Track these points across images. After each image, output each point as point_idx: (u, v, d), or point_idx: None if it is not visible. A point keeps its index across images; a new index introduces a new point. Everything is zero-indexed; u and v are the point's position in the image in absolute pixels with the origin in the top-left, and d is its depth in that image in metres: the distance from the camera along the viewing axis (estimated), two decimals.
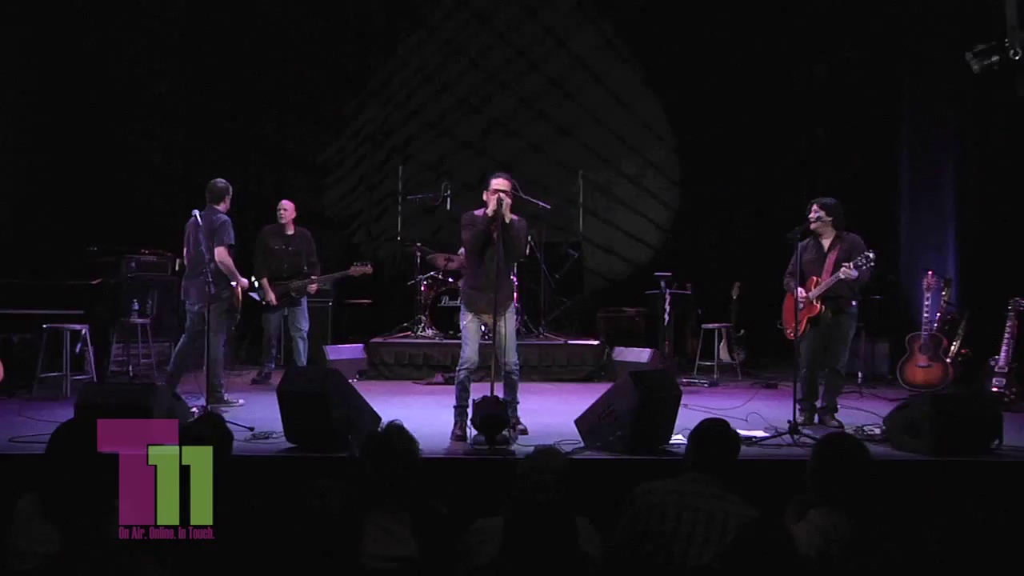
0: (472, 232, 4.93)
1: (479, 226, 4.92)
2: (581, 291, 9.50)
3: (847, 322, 5.38)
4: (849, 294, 5.35)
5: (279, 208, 7.15)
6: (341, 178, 10.00)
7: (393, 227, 9.34)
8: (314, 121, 9.86)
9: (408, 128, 9.95)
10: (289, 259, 7.11)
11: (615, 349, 7.88)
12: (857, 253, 5.19)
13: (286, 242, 7.13)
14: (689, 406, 5.52)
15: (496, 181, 4.93)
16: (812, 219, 5.36)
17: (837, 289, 5.30)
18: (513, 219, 4.95)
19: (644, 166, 9.92)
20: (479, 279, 4.97)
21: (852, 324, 5.42)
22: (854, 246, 5.29)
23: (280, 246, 7.10)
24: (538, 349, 7.81)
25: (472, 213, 5.06)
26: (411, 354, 7.75)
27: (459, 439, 4.82)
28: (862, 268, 5.13)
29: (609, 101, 9.78)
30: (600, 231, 9.85)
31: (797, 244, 5.23)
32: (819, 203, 5.39)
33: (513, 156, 9.71)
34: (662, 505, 2.82)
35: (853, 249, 5.25)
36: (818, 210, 5.37)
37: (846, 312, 5.37)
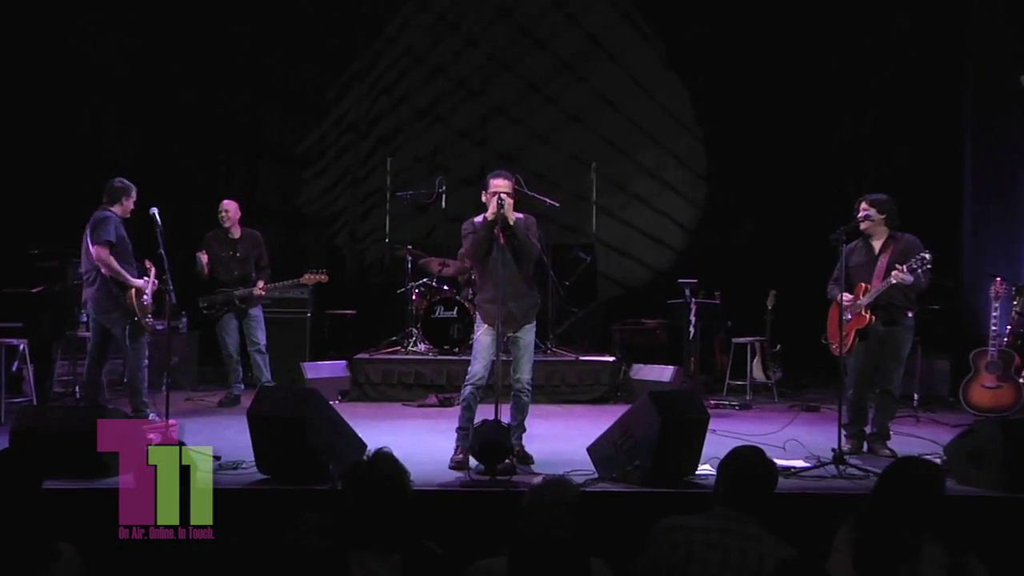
0: (472, 240, 5.02)
1: (479, 234, 5.00)
2: (594, 300, 9.52)
3: (902, 336, 5.35)
4: (904, 303, 5.32)
5: (220, 210, 7.22)
6: (322, 171, 10.03)
7: (380, 227, 9.36)
8: (291, 107, 9.91)
9: (398, 115, 9.97)
10: (238, 266, 7.20)
11: (633, 366, 7.90)
12: (913, 255, 5.15)
13: (232, 247, 7.21)
14: (718, 432, 5.52)
15: (495, 181, 5.01)
16: (861, 218, 5.35)
17: (890, 297, 5.27)
18: (518, 218, 5.05)
19: (666, 158, 9.94)
20: (491, 290, 5.03)
21: (907, 338, 5.38)
22: (910, 248, 5.25)
23: (226, 252, 7.18)
24: (545, 367, 7.80)
25: (472, 221, 5.14)
26: (401, 372, 7.76)
27: (459, 466, 4.85)
28: (917, 272, 5.09)
29: (626, 84, 9.81)
30: (615, 232, 9.86)
31: (843, 247, 5.16)
32: (869, 200, 5.39)
33: (517, 147, 9.73)
34: (687, 544, 2.81)
35: (909, 251, 5.21)
36: (868, 208, 5.35)
37: (900, 324, 5.34)
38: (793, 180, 9.28)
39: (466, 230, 5.11)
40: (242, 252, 7.19)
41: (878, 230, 5.39)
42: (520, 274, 5.06)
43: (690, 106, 9.83)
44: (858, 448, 5.42)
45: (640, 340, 8.73)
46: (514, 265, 4.99)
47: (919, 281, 5.17)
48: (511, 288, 4.93)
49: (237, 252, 7.19)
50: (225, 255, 7.17)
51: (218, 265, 7.11)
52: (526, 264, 5.12)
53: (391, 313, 8.80)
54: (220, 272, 7.14)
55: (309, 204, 10.02)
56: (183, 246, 7.40)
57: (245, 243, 7.24)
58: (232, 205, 7.24)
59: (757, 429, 5.98)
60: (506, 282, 4.91)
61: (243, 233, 7.27)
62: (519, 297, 5.03)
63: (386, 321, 8.82)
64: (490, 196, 5.01)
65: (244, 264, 7.20)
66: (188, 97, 9.41)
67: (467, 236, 5.08)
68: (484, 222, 5.03)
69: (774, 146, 9.33)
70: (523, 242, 5.00)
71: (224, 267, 7.16)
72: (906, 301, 5.31)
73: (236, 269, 7.17)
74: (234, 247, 7.21)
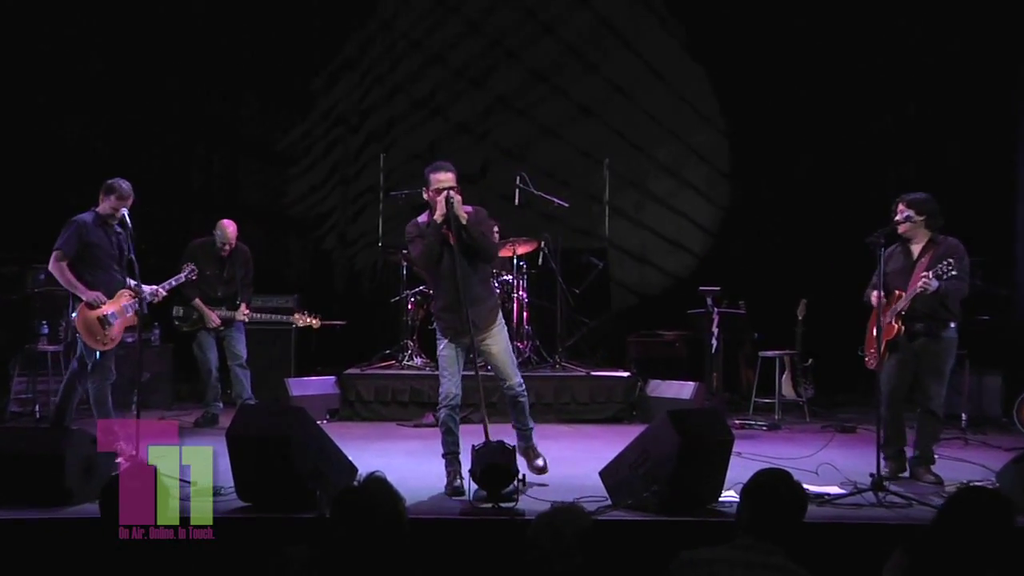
0: (422, 245, 4.94)
1: (428, 238, 4.95)
2: (607, 310, 9.53)
3: (942, 349, 5.33)
4: (944, 313, 5.28)
5: (220, 228, 7.25)
6: (308, 168, 10.07)
7: (373, 230, 9.38)
8: (274, 98, 9.97)
9: (391, 107, 10.01)
10: (224, 287, 7.29)
11: (650, 383, 7.91)
12: (956, 262, 5.13)
13: (220, 266, 7.29)
14: (743, 454, 5.54)
15: (438, 176, 4.97)
16: (899, 220, 5.36)
17: (928, 306, 5.25)
18: (467, 212, 4.96)
19: (685, 154, 9.96)
20: (446, 298, 5.02)
21: (949, 352, 5.35)
22: (950, 252, 5.23)
23: (213, 270, 7.25)
24: (554, 383, 7.82)
25: (415, 222, 5.10)
26: (395, 389, 7.77)
27: (456, 493, 4.85)
28: (943, 278, 5.09)
29: (642, 73, 9.84)
30: (630, 235, 9.88)
31: (881, 250, 5.13)
32: (908, 200, 5.39)
33: (522, 142, 9.76)
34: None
35: (949, 256, 5.18)
36: (906, 208, 5.35)
37: (940, 337, 5.31)
38: (827, 178, 9.27)
39: (411, 232, 5.04)
40: (229, 272, 7.27)
41: (918, 233, 5.38)
42: (476, 276, 5.05)
43: (712, 96, 9.84)
44: (897, 472, 5.40)
45: (658, 354, 8.72)
46: (468, 268, 4.97)
47: (950, 288, 5.14)
48: (467, 293, 4.89)
49: (224, 271, 7.25)
50: (212, 273, 7.22)
51: (202, 281, 7.13)
52: (483, 264, 5.13)
53: (384, 324, 8.81)
54: (203, 288, 7.17)
55: (294, 205, 10.06)
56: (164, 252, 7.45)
57: (234, 262, 7.29)
58: (232, 227, 7.27)
59: (786, 452, 5.97)
60: (463, 287, 4.88)
61: (235, 249, 7.32)
62: (477, 302, 4.99)
63: (379, 332, 8.83)
64: (433, 194, 4.96)
65: (230, 285, 7.27)
66: (162, 88, 9.47)
67: (413, 240, 5.01)
68: (430, 222, 4.98)
69: (806, 140, 9.34)
70: (479, 240, 4.96)
71: (209, 285, 7.21)
72: (946, 311, 5.27)
73: (221, 289, 7.23)
74: (222, 265, 7.27)
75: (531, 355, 8.21)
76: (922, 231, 5.37)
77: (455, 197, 4.90)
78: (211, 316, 7.11)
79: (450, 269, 4.94)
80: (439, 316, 5.14)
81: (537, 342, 8.32)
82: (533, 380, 7.71)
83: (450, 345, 5.07)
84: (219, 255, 7.24)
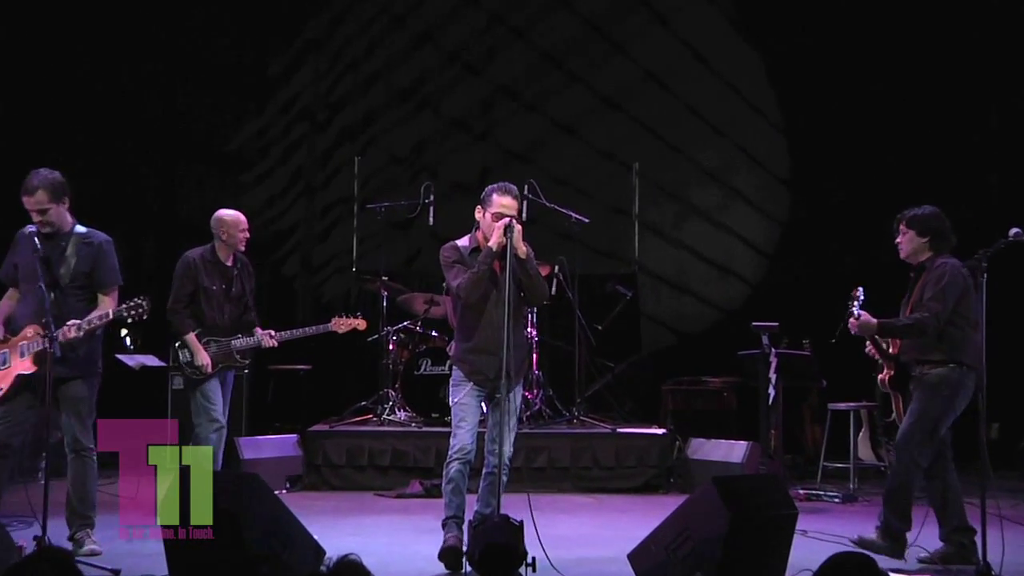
0: (469, 278, 5.16)
1: (479, 267, 5.15)
2: (636, 351, 9.52)
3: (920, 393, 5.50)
4: (917, 354, 5.51)
5: (224, 224, 6.74)
6: (264, 174, 10.12)
7: (345, 252, 9.40)
8: (221, 87, 10.03)
9: (368, 99, 10.07)
10: (232, 306, 6.83)
11: (691, 442, 7.88)
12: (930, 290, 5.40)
13: (227, 279, 6.80)
14: (810, 533, 5.55)
15: (501, 200, 5.21)
16: (899, 243, 5.68)
17: (915, 346, 5.50)
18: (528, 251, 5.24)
19: (734, 156, 9.99)
20: (482, 338, 5.25)
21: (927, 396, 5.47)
22: (933, 279, 5.47)
23: (218, 285, 6.77)
24: (571, 442, 7.78)
25: (454, 245, 5.32)
26: (373, 450, 7.75)
27: (450, 560, 4.94)
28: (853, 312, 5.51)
29: (681, 56, 9.90)
30: (666, 257, 9.90)
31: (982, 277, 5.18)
32: (907, 218, 5.64)
33: (531, 142, 9.81)
34: None
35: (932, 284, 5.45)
36: (905, 229, 5.62)
37: (923, 381, 5.49)
38: (911, 187, 9.18)
39: (449, 257, 5.27)
40: (237, 288, 6.82)
41: (922, 255, 5.61)
42: (520, 318, 5.31)
43: (767, 85, 9.89)
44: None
45: (701, 406, 8.72)
46: (516, 306, 5.16)
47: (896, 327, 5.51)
48: (509, 335, 5.02)
49: (232, 287, 6.81)
50: (217, 289, 6.75)
51: (207, 303, 6.74)
52: (532, 306, 5.29)
53: (360, 369, 8.81)
54: (208, 313, 6.75)
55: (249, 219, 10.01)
56: None
57: (241, 274, 6.86)
58: (243, 219, 6.86)
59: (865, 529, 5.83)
60: (504, 328, 5.02)
61: (236, 259, 6.90)
62: (518, 346, 5.23)
63: (353, 380, 8.84)
64: (492, 217, 5.17)
65: (237, 304, 6.83)
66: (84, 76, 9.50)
67: (453, 266, 5.24)
68: (476, 249, 5.21)
69: (882, 141, 9.35)
70: (535, 279, 5.25)
71: (215, 306, 6.76)
72: (915, 351, 5.52)
73: (229, 311, 6.79)
74: (229, 279, 6.79)
75: (543, 407, 8.19)
76: (926, 253, 5.59)
77: (516, 227, 5.11)
78: (202, 355, 6.60)
79: (493, 307, 5.18)
80: (465, 359, 5.33)
81: (550, 391, 8.31)
82: (546, 438, 7.78)
83: (473, 391, 5.27)
84: (222, 263, 6.80)
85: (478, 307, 5.25)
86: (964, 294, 5.43)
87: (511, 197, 5.21)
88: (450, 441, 5.25)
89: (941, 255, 5.55)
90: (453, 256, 5.28)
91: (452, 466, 5.21)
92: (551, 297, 8.42)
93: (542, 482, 7.53)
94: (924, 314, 5.40)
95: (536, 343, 8.22)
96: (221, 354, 6.69)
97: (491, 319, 5.19)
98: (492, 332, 5.17)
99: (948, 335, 5.43)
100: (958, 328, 5.42)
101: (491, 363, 5.15)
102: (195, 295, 6.67)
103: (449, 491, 5.19)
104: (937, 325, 5.39)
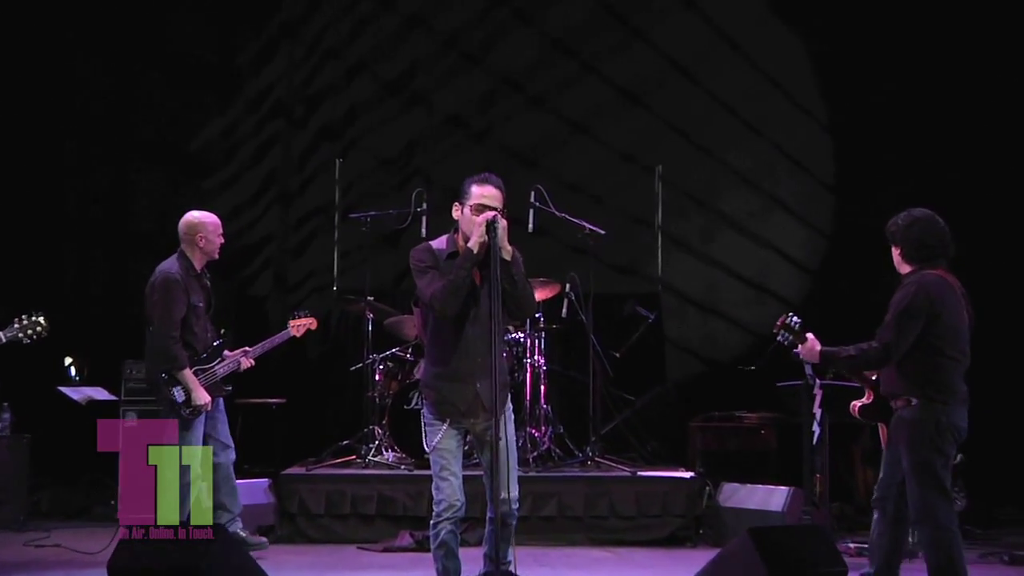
0: (445, 287, 5.02)
1: (456, 273, 5.01)
2: (660, 382, 9.52)
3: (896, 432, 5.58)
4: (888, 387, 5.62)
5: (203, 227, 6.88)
6: (231, 180, 10.12)
7: (325, 268, 9.44)
8: (180, 79, 10.01)
9: (351, 92, 10.09)
10: (211, 325, 7.01)
11: (722, 487, 7.86)
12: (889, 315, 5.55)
13: (207, 293, 6.97)
14: None
15: (482, 190, 5.12)
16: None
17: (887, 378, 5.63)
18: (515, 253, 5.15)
19: (771, 158, 9.99)
20: (456, 360, 5.11)
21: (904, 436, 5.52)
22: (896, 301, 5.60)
23: (203, 302, 6.92)
24: (585, 488, 7.75)
25: (428, 247, 5.21)
26: (356, 497, 7.74)
27: None
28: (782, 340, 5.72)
29: (711, 43, 9.90)
30: (694, 274, 9.89)
31: None
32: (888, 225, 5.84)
33: (538, 141, 9.82)
34: None
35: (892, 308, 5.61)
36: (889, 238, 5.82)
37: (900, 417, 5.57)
38: (979, 193, 9.22)
39: (420, 261, 5.16)
40: (214, 303, 7.03)
41: (903, 268, 5.77)
42: (502, 337, 5.17)
43: (810, 74, 9.89)
44: None
45: (734, 445, 8.72)
46: (501, 322, 5.02)
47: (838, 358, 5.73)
48: (488, 359, 4.94)
49: (212, 302, 7.00)
50: (203, 306, 6.90)
51: (196, 325, 6.84)
52: (519, 320, 5.20)
53: (341, 403, 8.85)
54: (199, 335, 6.85)
55: None
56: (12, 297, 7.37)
57: (215, 290, 7.07)
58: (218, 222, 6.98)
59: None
60: (483, 348, 4.98)
61: (205, 272, 7.03)
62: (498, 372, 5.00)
63: (333, 415, 8.86)
64: (471, 212, 5.06)
65: (213, 323, 7.03)
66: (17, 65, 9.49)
67: (425, 272, 5.11)
68: (454, 253, 5.11)
69: (945, 142, 9.31)
70: (521, 287, 5.10)
71: (201, 327, 6.88)
72: (888, 383, 5.65)
73: (211, 331, 6.98)
74: (208, 294, 6.97)
75: (552, 447, 8.18)
76: (906, 268, 5.73)
77: (501, 222, 4.98)
78: (201, 392, 6.66)
79: (473, 321, 5.06)
80: (434, 386, 5.18)
81: (561, 428, 8.29)
82: (556, 483, 7.76)
83: (450, 431, 5.13)
84: (202, 278, 6.93)
85: (454, 322, 5.09)
86: (936, 318, 5.46)
87: (493, 187, 5.11)
88: (434, 495, 5.12)
89: (924, 269, 5.62)
90: (427, 260, 5.13)
91: (441, 527, 5.07)
92: (561, 321, 8.52)
93: (552, 533, 7.51)
94: (873, 344, 5.53)
95: (544, 372, 8.22)
96: (210, 385, 6.78)
97: (466, 337, 5.07)
98: (467, 354, 5.06)
99: (915, 366, 5.49)
100: (926, 357, 5.47)
101: (462, 393, 5.05)
102: (184, 318, 6.70)
103: (441, 557, 5.08)
104: (887, 357, 5.49)
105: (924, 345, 5.44)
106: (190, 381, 6.57)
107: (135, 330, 9.29)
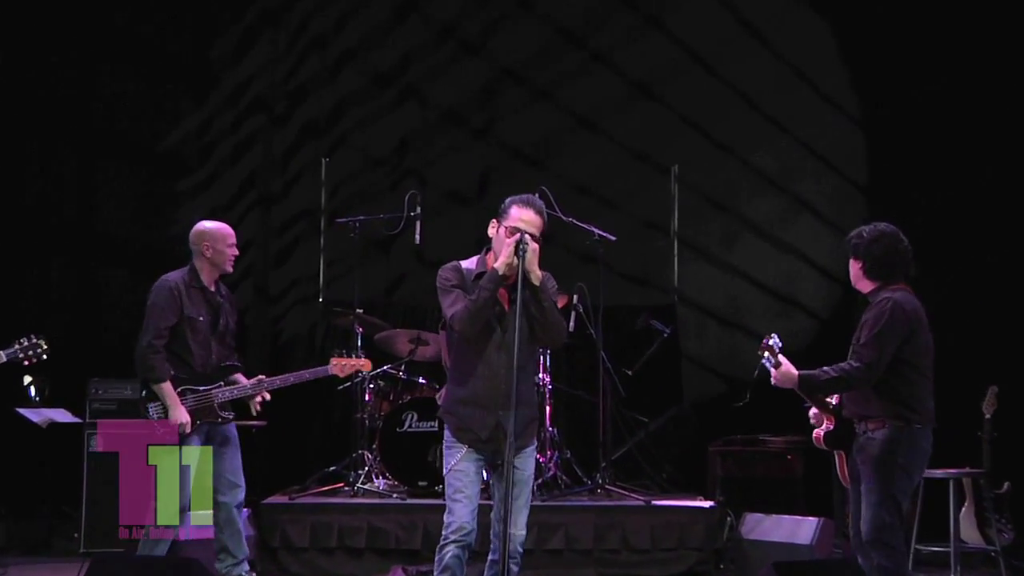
0: (467, 307, 5.13)
1: (480, 293, 5.13)
2: (677, 402, 9.53)
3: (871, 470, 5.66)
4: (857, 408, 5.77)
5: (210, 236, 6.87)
6: (207, 181, 10.13)
7: (310, 278, 9.49)
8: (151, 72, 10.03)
9: (338, 86, 10.12)
10: (218, 344, 6.92)
11: (745, 518, 7.88)
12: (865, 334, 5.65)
13: (212, 308, 6.90)
14: None
15: (521, 213, 5.25)
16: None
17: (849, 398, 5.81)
18: (543, 278, 5.24)
19: (797, 156, 10.00)
20: (480, 385, 5.25)
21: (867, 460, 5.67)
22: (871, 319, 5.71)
23: (205, 315, 6.87)
24: (594, 517, 7.75)
25: (456, 266, 5.34)
26: (344, 528, 7.73)
27: None
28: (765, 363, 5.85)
29: (731, 31, 9.93)
30: (714, 284, 9.93)
31: None
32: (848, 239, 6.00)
33: (542, 139, 9.84)
34: None
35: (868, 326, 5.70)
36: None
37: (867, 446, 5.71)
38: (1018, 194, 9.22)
39: (448, 280, 5.29)
40: (223, 321, 6.94)
41: (863, 285, 5.93)
42: (530, 365, 5.35)
43: (840, 65, 9.90)
44: None
45: (759, 472, 8.74)
46: (524, 349, 5.15)
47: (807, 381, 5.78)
48: (514, 384, 5.03)
49: (219, 318, 6.92)
50: (205, 320, 6.84)
51: (193, 339, 6.78)
52: (546, 346, 5.25)
53: (327, 425, 8.90)
54: (196, 352, 6.80)
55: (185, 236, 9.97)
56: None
57: (226, 306, 6.99)
58: (231, 232, 6.97)
59: None
60: (507, 376, 5.08)
61: (219, 287, 6.99)
62: (523, 403, 5.15)
63: (319, 439, 8.92)
64: (505, 232, 5.17)
65: (223, 342, 6.95)
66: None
67: (451, 291, 5.24)
68: (477, 269, 5.23)
69: (987, 139, 9.30)
70: (550, 313, 5.22)
71: (202, 343, 6.82)
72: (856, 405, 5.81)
73: (216, 350, 6.89)
74: (215, 309, 6.90)
75: (558, 473, 8.21)
76: (865, 283, 5.90)
77: (531, 245, 5.11)
78: (180, 410, 6.59)
79: (499, 347, 5.21)
80: (454, 411, 5.33)
81: (568, 453, 8.31)
82: (563, 513, 7.78)
83: (470, 454, 5.25)
84: (208, 292, 6.88)
85: (478, 346, 5.25)
86: (912, 336, 5.64)
87: (534, 211, 5.25)
88: (444, 518, 5.22)
89: (889, 287, 5.79)
90: (453, 279, 5.28)
91: (447, 551, 5.15)
92: (569, 335, 8.46)
93: (558, 568, 7.55)
94: (854, 364, 5.63)
95: (550, 392, 8.21)
96: (200, 409, 6.73)
97: (490, 363, 5.23)
98: (490, 380, 5.19)
99: (890, 386, 5.65)
100: (902, 377, 5.65)
101: (484, 420, 5.20)
102: (176, 330, 6.68)
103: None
104: (869, 376, 5.61)
105: (900, 363, 5.62)
106: (168, 397, 6.55)
107: (102, 345, 9.34)
